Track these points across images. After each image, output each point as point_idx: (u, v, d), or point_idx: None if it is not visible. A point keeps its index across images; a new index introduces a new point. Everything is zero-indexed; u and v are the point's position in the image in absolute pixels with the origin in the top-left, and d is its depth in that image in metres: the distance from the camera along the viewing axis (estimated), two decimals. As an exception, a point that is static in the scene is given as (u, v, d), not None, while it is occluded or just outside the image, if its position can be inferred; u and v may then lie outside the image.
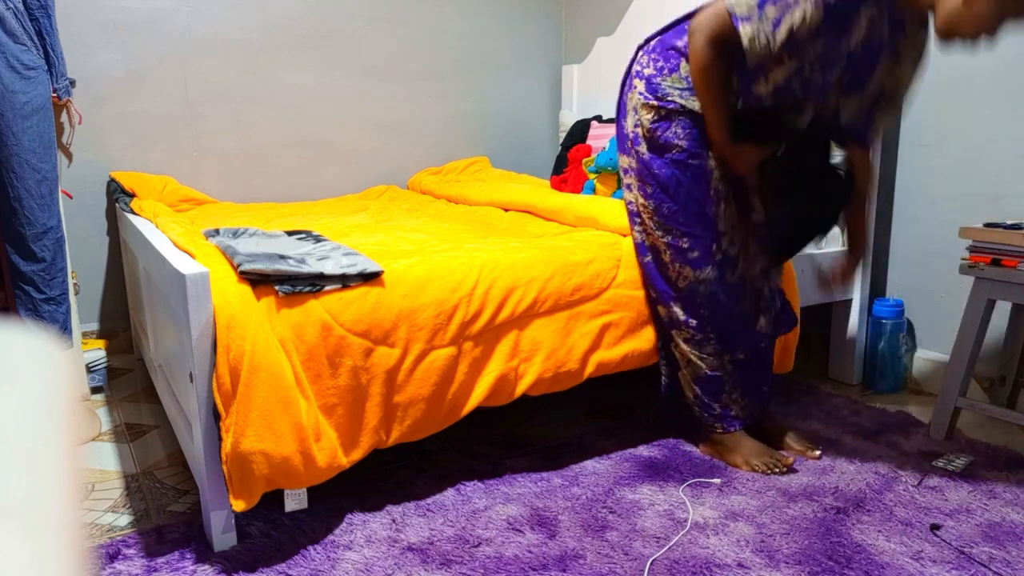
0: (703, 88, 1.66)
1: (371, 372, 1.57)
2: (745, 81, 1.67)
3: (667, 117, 1.74)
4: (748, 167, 1.71)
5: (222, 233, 1.83)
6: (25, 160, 2.05)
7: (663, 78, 1.74)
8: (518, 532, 1.55)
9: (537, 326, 1.78)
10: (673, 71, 1.73)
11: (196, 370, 1.42)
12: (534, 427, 2.12)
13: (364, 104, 3.26)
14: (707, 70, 1.63)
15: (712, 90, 1.66)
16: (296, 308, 1.51)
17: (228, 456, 1.41)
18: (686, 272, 1.80)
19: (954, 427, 2.01)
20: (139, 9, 2.76)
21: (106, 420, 2.24)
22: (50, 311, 2.14)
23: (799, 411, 2.20)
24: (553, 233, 2.15)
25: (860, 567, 1.42)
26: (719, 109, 1.68)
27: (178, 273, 1.42)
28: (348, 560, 1.46)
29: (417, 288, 1.64)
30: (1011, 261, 1.85)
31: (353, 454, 1.57)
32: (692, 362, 1.87)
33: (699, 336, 1.84)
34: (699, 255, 1.78)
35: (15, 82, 2.03)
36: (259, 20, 2.99)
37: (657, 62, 1.76)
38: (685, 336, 1.86)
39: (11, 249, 2.08)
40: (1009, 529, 1.55)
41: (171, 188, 2.77)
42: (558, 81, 3.68)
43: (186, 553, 1.49)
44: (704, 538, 1.52)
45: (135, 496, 1.76)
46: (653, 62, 1.77)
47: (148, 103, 2.82)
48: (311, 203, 2.99)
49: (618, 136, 1.90)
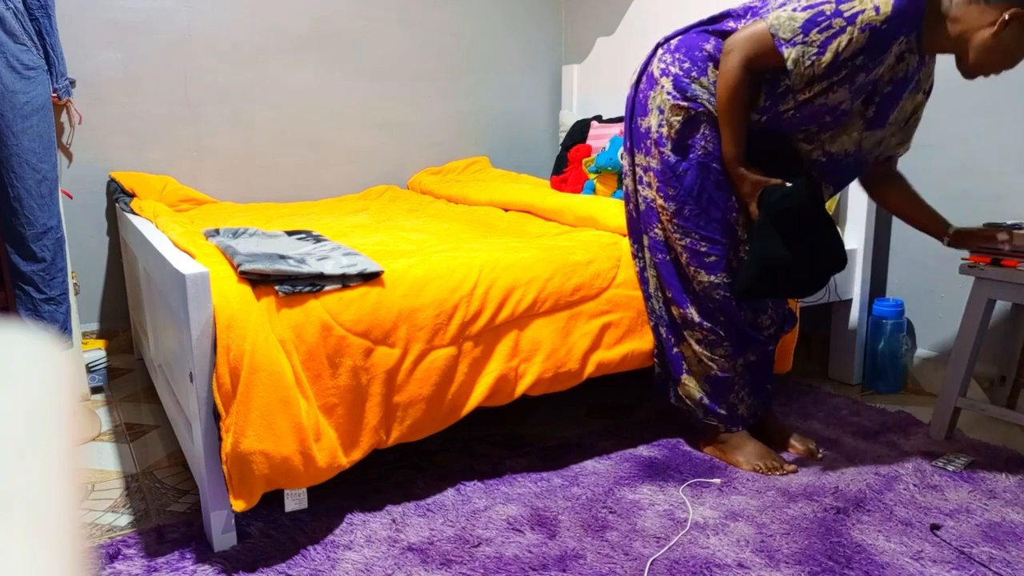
0: (728, 106, 1.65)
1: (371, 372, 1.57)
2: (774, 99, 1.67)
3: (695, 119, 1.72)
4: (751, 191, 1.70)
5: (222, 233, 1.83)
6: (25, 160, 2.05)
7: (692, 80, 1.72)
8: (518, 532, 1.55)
9: (537, 326, 1.78)
10: (702, 75, 1.71)
11: (196, 370, 1.42)
12: (534, 427, 2.12)
13: (364, 104, 3.26)
14: (736, 90, 1.63)
15: (737, 110, 1.65)
16: (296, 308, 1.51)
17: (228, 456, 1.41)
18: (701, 276, 1.78)
19: (954, 427, 2.01)
20: (139, 9, 2.76)
21: (106, 420, 2.24)
22: (50, 311, 2.14)
23: (799, 411, 2.20)
24: (553, 233, 2.15)
25: (860, 567, 1.42)
26: (738, 128, 1.67)
27: (178, 273, 1.42)
28: (348, 560, 1.46)
29: (417, 288, 1.64)
30: (1011, 261, 1.85)
31: (353, 454, 1.57)
32: (703, 362, 1.85)
33: (712, 337, 1.82)
34: (716, 260, 1.77)
35: (15, 82, 2.03)
36: (259, 20, 2.99)
37: (683, 63, 1.73)
38: (698, 337, 1.84)
39: (11, 249, 2.08)
40: (1009, 529, 1.55)
41: (171, 188, 2.77)
42: (558, 81, 3.68)
43: (186, 553, 1.49)
44: (704, 538, 1.52)
45: (135, 496, 1.76)
46: (679, 62, 1.74)
47: (148, 103, 2.82)
48: (311, 203, 2.99)
49: (634, 134, 1.86)
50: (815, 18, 1.56)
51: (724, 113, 1.67)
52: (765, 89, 1.68)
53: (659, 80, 1.77)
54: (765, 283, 1.70)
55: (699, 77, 1.71)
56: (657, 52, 1.81)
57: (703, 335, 1.83)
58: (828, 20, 1.55)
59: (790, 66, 1.58)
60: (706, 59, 1.71)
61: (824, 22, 1.55)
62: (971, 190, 2.18)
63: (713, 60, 1.71)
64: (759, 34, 1.60)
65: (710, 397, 1.87)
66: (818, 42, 1.56)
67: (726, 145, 1.69)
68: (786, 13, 1.59)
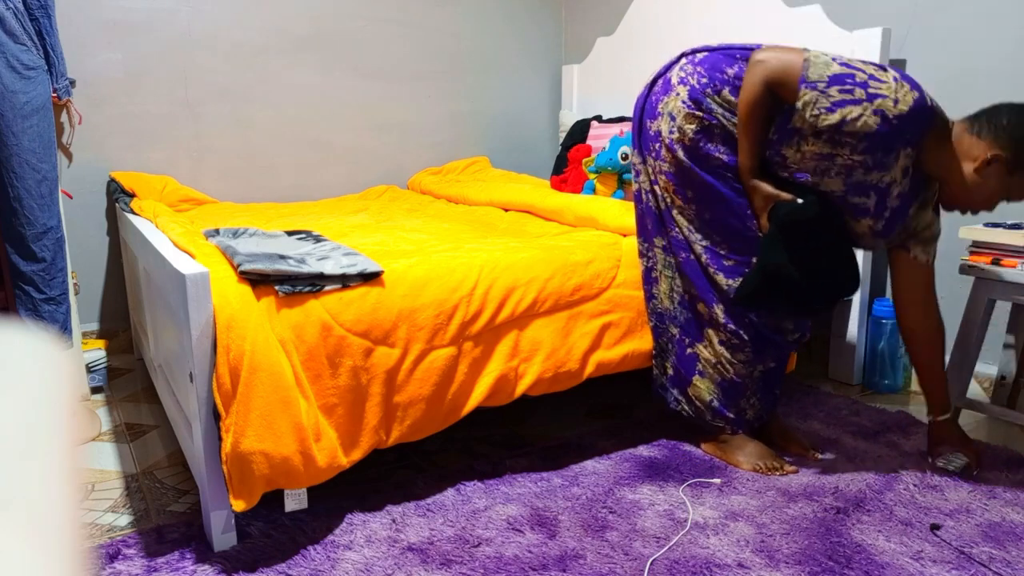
0: (747, 118, 1.65)
1: (371, 372, 1.57)
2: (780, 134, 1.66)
3: (709, 130, 1.72)
4: (763, 204, 1.70)
5: (222, 233, 1.83)
6: (25, 160, 2.05)
7: (706, 95, 1.72)
8: (518, 532, 1.55)
9: (537, 326, 1.78)
10: (717, 92, 1.71)
11: (196, 370, 1.42)
12: (534, 427, 2.12)
13: (364, 104, 3.26)
14: (755, 103, 1.63)
15: (754, 122, 1.65)
16: (296, 308, 1.51)
17: (228, 456, 1.41)
18: (720, 278, 1.78)
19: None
20: (139, 9, 2.76)
21: (106, 420, 2.24)
22: (50, 311, 2.14)
23: (799, 411, 2.20)
24: (553, 233, 2.16)
25: (860, 567, 1.42)
26: (755, 141, 1.67)
27: (178, 273, 1.42)
28: (348, 560, 1.46)
29: (417, 288, 1.64)
30: (1011, 261, 1.85)
31: (353, 454, 1.57)
32: (722, 365, 1.84)
33: (735, 341, 1.81)
34: (735, 264, 1.77)
35: (15, 82, 2.03)
36: (259, 20, 2.99)
37: (703, 77, 1.73)
38: (721, 338, 1.83)
39: (11, 249, 2.08)
40: (1009, 529, 1.55)
41: (171, 188, 2.77)
42: (558, 81, 3.68)
43: (186, 553, 1.49)
44: (704, 538, 1.52)
45: (135, 496, 1.76)
46: (699, 75, 1.74)
47: (148, 103, 2.82)
48: (311, 203, 2.99)
49: (643, 136, 1.85)
50: (844, 77, 1.57)
51: (742, 123, 1.67)
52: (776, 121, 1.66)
53: (675, 87, 1.77)
54: (765, 294, 1.70)
55: (715, 94, 1.71)
56: (680, 61, 1.81)
57: (726, 337, 1.82)
58: (853, 86, 1.56)
59: (798, 105, 1.59)
60: (725, 81, 1.71)
61: (850, 85, 1.56)
62: (971, 190, 2.18)
63: (731, 86, 1.70)
64: (791, 60, 1.61)
65: (721, 400, 1.86)
66: (834, 100, 1.57)
67: (742, 156, 1.69)
68: (825, 58, 1.61)
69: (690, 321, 1.88)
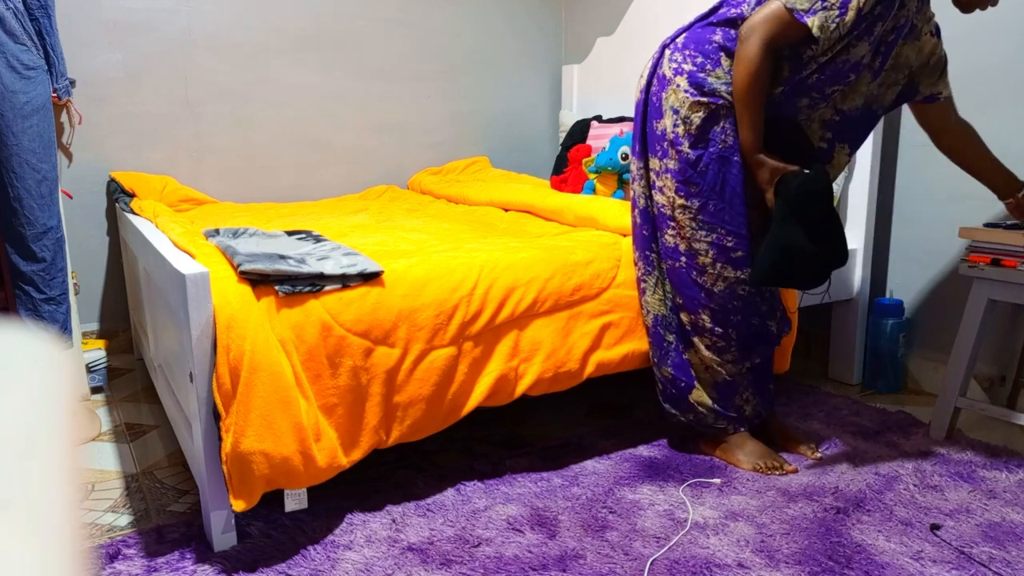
0: (748, 92, 1.64)
1: (371, 372, 1.57)
2: (797, 68, 1.67)
3: (715, 112, 1.71)
4: (769, 178, 1.69)
5: (222, 233, 1.83)
6: (25, 160, 2.05)
7: (707, 73, 1.71)
8: (518, 532, 1.55)
9: (537, 326, 1.78)
10: (716, 66, 1.71)
11: (196, 370, 1.42)
12: (534, 427, 2.12)
13: (364, 104, 3.26)
14: (757, 74, 1.62)
15: (756, 94, 1.64)
16: (296, 308, 1.51)
17: (228, 456, 1.41)
18: (727, 272, 1.77)
19: (954, 427, 2.01)
20: (139, 9, 2.76)
21: (106, 420, 2.24)
22: (50, 311, 2.14)
23: (799, 411, 2.20)
24: (553, 233, 2.15)
25: (860, 567, 1.42)
26: (757, 114, 1.66)
27: (178, 273, 1.42)
28: (348, 560, 1.46)
29: (417, 288, 1.64)
30: (1011, 261, 1.85)
31: (353, 454, 1.57)
32: (711, 368, 1.85)
33: (721, 344, 1.82)
34: (742, 254, 1.76)
35: (15, 82, 2.03)
36: (259, 20, 2.99)
37: (696, 58, 1.72)
38: (708, 343, 1.83)
39: (11, 249, 2.08)
40: (1009, 529, 1.55)
41: (171, 188, 2.77)
42: (558, 81, 3.68)
43: (186, 553, 1.49)
44: (704, 538, 1.52)
45: (135, 496, 1.76)
46: (691, 58, 1.73)
47: (148, 103, 2.82)
48: (311, 203, 2.99)
49: (648, 137, 1.84)
50: None
51: (743, 99, 1.65)
52: (787, 64, 1.67)
53: (672, 80, 1.75)
54: (783, 270, 1.68)
55: (714, 69, 1.71)
56: (665, 53, 1.80)
57: (712, 341, 1.83)
58: None
59: (816, 33, 1.58)
60: (717, 50, 1.71)
61: None
62: (972, 191, 2.18)
63: (724, 50, 1.70)
64: (776, 12, 1.60)
65: (719, 402, 1.87)
66: (838, 3, 1.56)
67: (744, 132, 1.68)
68: None
69: (681, 327, 1.88)
